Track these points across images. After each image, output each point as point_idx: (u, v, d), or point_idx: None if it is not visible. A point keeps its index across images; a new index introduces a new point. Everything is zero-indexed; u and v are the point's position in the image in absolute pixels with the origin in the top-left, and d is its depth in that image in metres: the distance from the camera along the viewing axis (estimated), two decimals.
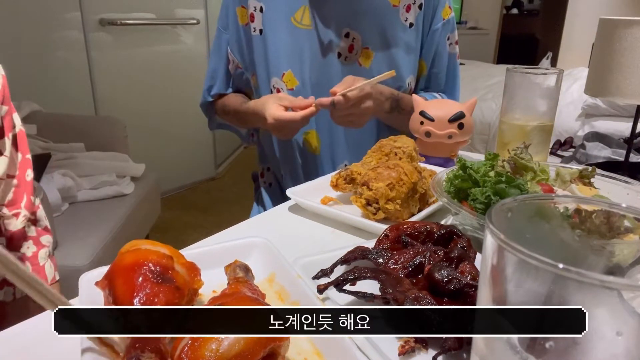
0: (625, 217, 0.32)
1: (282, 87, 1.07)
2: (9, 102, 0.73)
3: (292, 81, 1.06)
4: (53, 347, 0.42)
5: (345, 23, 1.02)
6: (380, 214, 0.65)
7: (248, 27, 1.08)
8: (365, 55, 1.05)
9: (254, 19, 1.06)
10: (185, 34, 3.09)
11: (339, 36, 1.03)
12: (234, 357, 0.32)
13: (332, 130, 1.08)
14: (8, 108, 0.72)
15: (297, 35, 1.03)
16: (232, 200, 3.08)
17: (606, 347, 0.25)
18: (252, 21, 1.07)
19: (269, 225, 0.70)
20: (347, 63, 1.05)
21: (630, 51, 1.51)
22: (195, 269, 0.44)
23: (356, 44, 1.04)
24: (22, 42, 2.20)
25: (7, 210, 0.74)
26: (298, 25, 1.03)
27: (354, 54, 1.04)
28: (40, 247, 0.79)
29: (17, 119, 0.76)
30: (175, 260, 0.42)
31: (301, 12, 1.03)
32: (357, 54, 1.04)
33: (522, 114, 0.85)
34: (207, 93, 1.18)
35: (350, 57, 1.04)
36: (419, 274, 0.47)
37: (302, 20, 1.03)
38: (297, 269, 0.48)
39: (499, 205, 0.29)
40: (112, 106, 2.59)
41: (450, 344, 0.38)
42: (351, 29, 1.03)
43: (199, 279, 0.44)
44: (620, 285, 0.22)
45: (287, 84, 1.06)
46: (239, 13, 1.09)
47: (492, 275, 0.27)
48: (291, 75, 1.06)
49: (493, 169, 0.64)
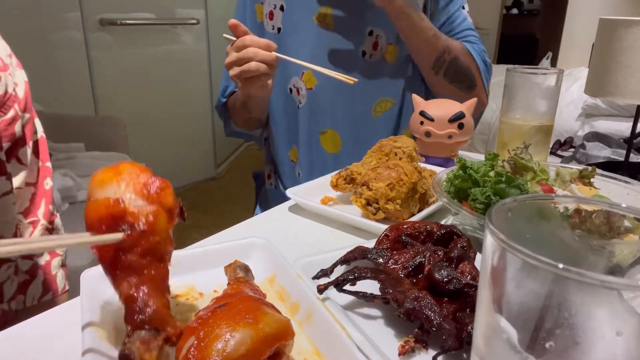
0: (625, 217, 0.32)
1: (300, 87, 1.07)
2: (31, 109, 0.71)
3: (311, 80, 1.06)
4: (53, 347, 0.42)
5: (368, 21, 1.03)
6: (380, 214, 0.65)
7: (262, 24, 1.08)
8: (390, 51, 1.05)
9: (272, 16, 1.06)
10: (185, 34, 3.09)
11: (362, 34, 1.03)
12: (241, 356, 0.32)
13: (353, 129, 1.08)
14: (30, 115, 0.70)
15: (319, 35, 1.03)
16: (232, 200, 3.08)
17: (606, 347, 0.25)
18: (270, 19, 1.06)
19: (269, 225, 0.70)
20: (372, 60, 1.05)
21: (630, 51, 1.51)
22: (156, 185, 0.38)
23: (380, 41, 1.04)
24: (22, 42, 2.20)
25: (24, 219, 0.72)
26: (320, 24, 1.03)
27: (379, 50, 1.04)
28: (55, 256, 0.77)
29: (39, 125, 0.74)
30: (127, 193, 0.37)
31: (324, 12, 1.03)
32: (382, 50, 1.05)
33: (522, 114, 0.85)
34: (222, 94, 1.16)
35: (375, 54, 1.04)
36: (419, 274, 0.47)
37: (325, 19, 1.03)
38: (297, 269, 0.48)
39: (499, 205, 0.29)
40: (112, 106, 2.59)
41: (450, 344, 0.38)
42: (374, 26, 1.03)
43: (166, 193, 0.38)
44: (620, 285, 0.22)
45: (306, 83, 1.06)
46: (257, 9, 1.09)
47: (492, 275, 0.27)
48: (310, 75, 1.06)
49: (493, 169, 0.64)
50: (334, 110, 1.07)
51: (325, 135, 1.08)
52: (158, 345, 0.33)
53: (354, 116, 1.07)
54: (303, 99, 1.08)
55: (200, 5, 3.13)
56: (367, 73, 1.04)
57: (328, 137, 1.09)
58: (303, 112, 1.09)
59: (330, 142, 1.09)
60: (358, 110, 1.07)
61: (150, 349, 0.33)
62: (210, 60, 3.23)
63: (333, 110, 1.07)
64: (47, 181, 0.75)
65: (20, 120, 0.67)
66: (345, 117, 1.07)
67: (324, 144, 1.09)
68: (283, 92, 1.10)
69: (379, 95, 1.07)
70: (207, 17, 3.16)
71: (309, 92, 1.06)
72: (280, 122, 1.14)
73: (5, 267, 0.66)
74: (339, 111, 1.07)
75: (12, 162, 0.68)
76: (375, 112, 1.08)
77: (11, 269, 0.67)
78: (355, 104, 1.07)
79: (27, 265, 0.72)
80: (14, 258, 0.66)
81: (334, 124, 1.07)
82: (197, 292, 0.49)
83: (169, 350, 0.35)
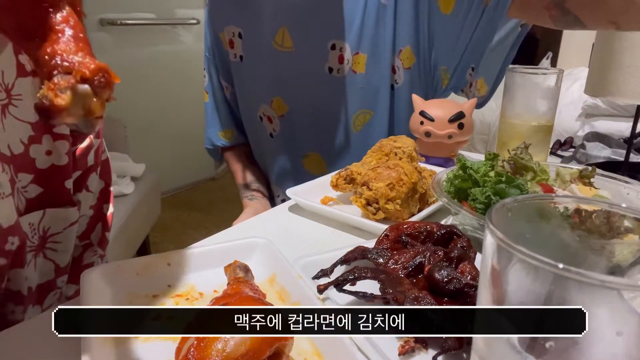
0: (625, 217, 0.32)
1: (272, 115, 1.03)
2: (101, 132, 0.65)
3: (281, 107, 1.01)
4: (53, 347, 0.42)
5: (329, 34, 0.95)
6: (380, 214, 0.65)
7: (227, 52, 1.05)
8: (359, 61, 0.97)
9: (233, 45, 1.03)
10: (185, 34, 3.09)
11: (324, 50, 0.96)
12: (241, 356, 0.32)
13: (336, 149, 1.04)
14: (100, 140, 0.65)
15: (280, 60, 0.98)
16: (232, 200, 3.06)
17: (606, 347, 0.25)
18: (231, 47, 1.03)
19: (269, 225, 0.70)
20: (339, 75, 0.97)
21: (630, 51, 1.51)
22: None
23: (345, 53, 0.96)
24: None
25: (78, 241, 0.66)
26: (280, 48, 0.97)
27: (346, 63, 0.97)
28: None
29: (105, 146, 0.68)
30: None
31: (281, 35, 0.97)
32: (350, 63, 0.97)
33: (522, 114, 0.84)
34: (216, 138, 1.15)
35: (342, 68, 0.97)
36: (419, 274, 0.47)
37: (284, 42, 0.97)
38: (297, 269, 0.48)
39: (499, 205, 0.29)
40: (112, 106, 2.57)
41: (450, 344, 0.38)
42: (336, 39, 0.95)
43: None
44: (620, 285, 0.22)
45: (276, 110, 1.02)
46: (222, 37, 1.06)
47: (492, 275, 0.27)
48: (280, 102, 1.01)
49: (493, 169, 0.64)
50: (311, 134, 1.02)
51: (308, 158, 1.04)
52: (70, 85, 0.29)
53: (333, 136, 1.01)
54: (277, 127, 1.03)
55: (200, 5, 3.13)
56: (337, 90, 0.98)
57: (311, 161, 1.05)
58: (278, 142, 1.05)
59: (314, 165, 1.04)
60: (337, 129, 1.01)
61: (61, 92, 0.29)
62: None
63: (311, 134, 1.02)
64: (105, 206, 0.69)
65: (93, 149, 0.62)
66: (325, 139, 1.02)
67: (308, 168, 1.05)
68: (252, 120, 1.07)
69: (356, 109, 1.00)
70: None
71: (281, 119, 1.02)
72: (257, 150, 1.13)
73: (52, 294, 0.62)
74: (317, 134, 1.02)
75: (82, 192, 0.63)
76: (355, 127, 1.02)
77: (55, 296, 0.63)
78: (333, 124, 1.01)
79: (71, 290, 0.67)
80: (59, 285, 0.62)
81: (315, 147, 1.03)
82: (197, 292, 0.49)
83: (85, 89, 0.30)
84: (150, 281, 0.49)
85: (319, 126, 1.02)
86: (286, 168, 1.07)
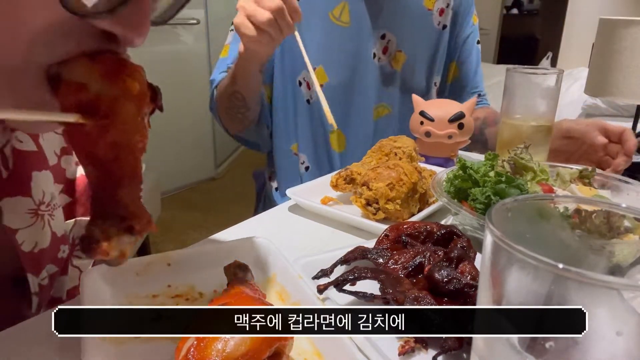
0: (625, 217, 0.32)
1: (312, 82, 1.05)
2: None
3: (322, 77, 1.05)
4: (53, 347, 0.42)
5: (383, 24, 1.03)
6: (380, 214, 0.65)
7: None
8: (398, 58, 1.05)
9: None
10: (185, 34, 3.09)
11: (375, 37, 1.03)
12: (241, 356, 0.32)
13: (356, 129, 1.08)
14: None
15: (333, 32, 1.03)
16: (232, 200, 3.08)
17: (606, 347, 0.25)
18: None
19: (269, 225, 0.70)
20: (380, 64, 1.05)
21: (631, 51, 1.51)
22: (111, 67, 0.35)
23: (391, 46, 1.04)
24: None
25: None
26: (336, 21, 1.03)
27: (387, 55, 1.05)
28: None
29: None
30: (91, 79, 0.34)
31: (340, 9, 1.02)
32: (390, 56, 1.05)
33: (522, 114, 0.84)
34: (214, 86, 1.11)
35: (383, 58, 1.05)
36: (419, 274, 0.47)
37: (341, 17, 1.02)
38: (297, 269, 0.48)
39: (499, 205, 0.29)
40: None
41: (450, 344, 0.38)
42: (388, 30, 1.03)
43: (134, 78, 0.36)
44: (620, 285, 0.22)
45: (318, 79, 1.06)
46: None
47: (492, 275, 0.27)
48: (322, 71, 1.05)
49: (493, 169, 0.64)
50: (341, 110, 1.06)
51: (334, 133, 1.09)
52: (116, 232, 0.33)
53: (357, 116, 1.08)
54: (314, 95, 1.07)
55: (200, 5, 3.13)
56: (373, 75, 1.04)
57: (335, 136, 1.09)
58: (314, 109, 1.08)
59: (336, 140, 1.09)
60: (360, 110, 1.08)
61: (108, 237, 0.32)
62: (210, 61, 3.23)
63: (340, 109, 1.07)
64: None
65: None
66: (349, 117, 1.07)
67: (332, 142, 1.10)
68: (291, 83, 1.09)
69: (379, 101, 1.08)
70: (207, 17, 3.16)
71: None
72: (284, 114, 1.12)
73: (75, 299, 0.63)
74: (346, 111, 1.07)
75: None
76: (374, 116, 1.09)
77: None
78: (359, 105, 1.07)
79: None
80: None
81: (339, 123, 1.07)
82: (197, 292, 0.49)
83: (130, 241, 0.34)
84: (150, 281, 0.49)
85: (347, 104, 1.06)
86: (316, 137, 1.10)
